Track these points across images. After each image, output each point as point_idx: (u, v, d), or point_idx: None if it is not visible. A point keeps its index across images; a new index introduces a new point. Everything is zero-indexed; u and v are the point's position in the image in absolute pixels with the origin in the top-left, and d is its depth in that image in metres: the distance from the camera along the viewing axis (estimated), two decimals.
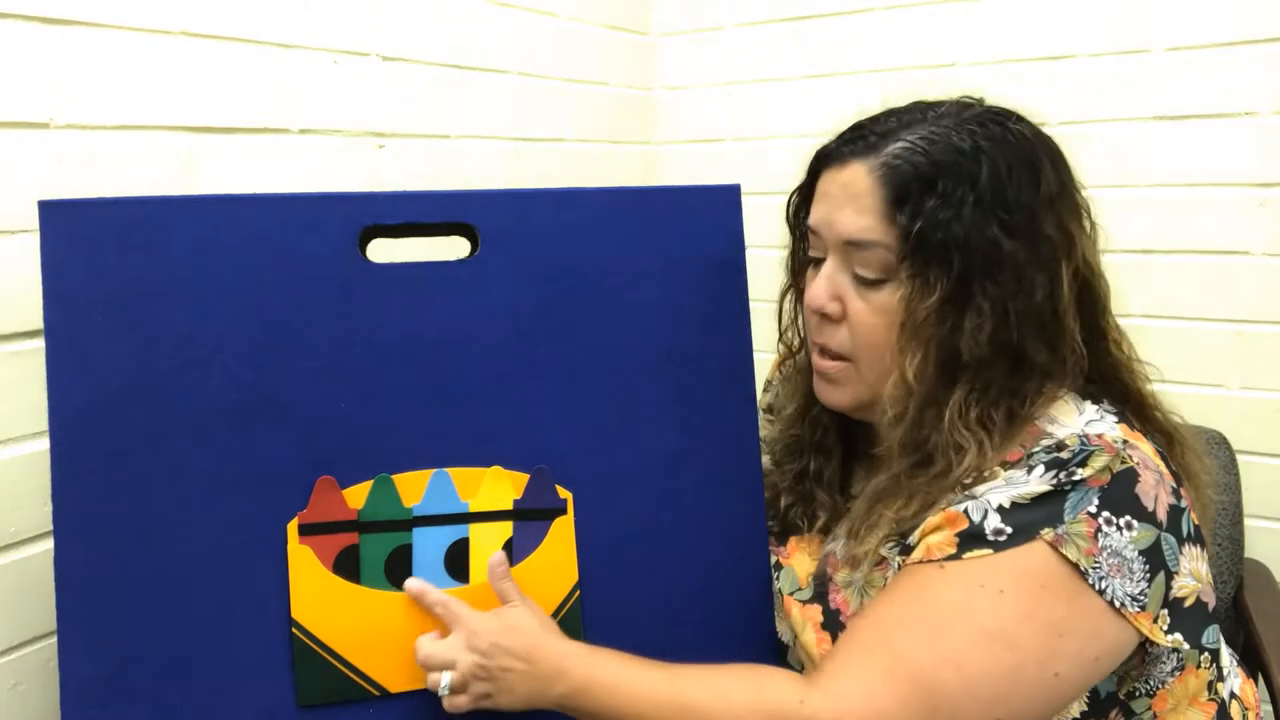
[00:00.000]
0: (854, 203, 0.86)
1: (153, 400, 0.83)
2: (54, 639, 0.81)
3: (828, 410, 0.96)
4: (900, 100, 0.95)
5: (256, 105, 1.21)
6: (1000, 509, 0.80)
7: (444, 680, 0.83)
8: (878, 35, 1.69)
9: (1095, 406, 0.87)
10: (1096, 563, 0.78)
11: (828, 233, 0.89)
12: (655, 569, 0.93)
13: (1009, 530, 0.79)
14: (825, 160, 0.91)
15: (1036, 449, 0.83)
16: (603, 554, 0.92)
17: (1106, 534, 0.78)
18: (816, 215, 0.91)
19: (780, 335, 1.01)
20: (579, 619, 0.91)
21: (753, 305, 0.97)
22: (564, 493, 0.91)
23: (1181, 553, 0.81)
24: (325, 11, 1.29)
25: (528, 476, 0.90)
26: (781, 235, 0.98)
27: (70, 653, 0.80)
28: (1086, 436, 0.82)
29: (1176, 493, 0.83)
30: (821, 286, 0.89)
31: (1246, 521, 1.40)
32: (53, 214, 0.82)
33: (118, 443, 0.82)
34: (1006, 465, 0.83)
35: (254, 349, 0.85)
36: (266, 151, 1.22)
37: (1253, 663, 1.22)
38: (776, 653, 0.96)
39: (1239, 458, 1.40)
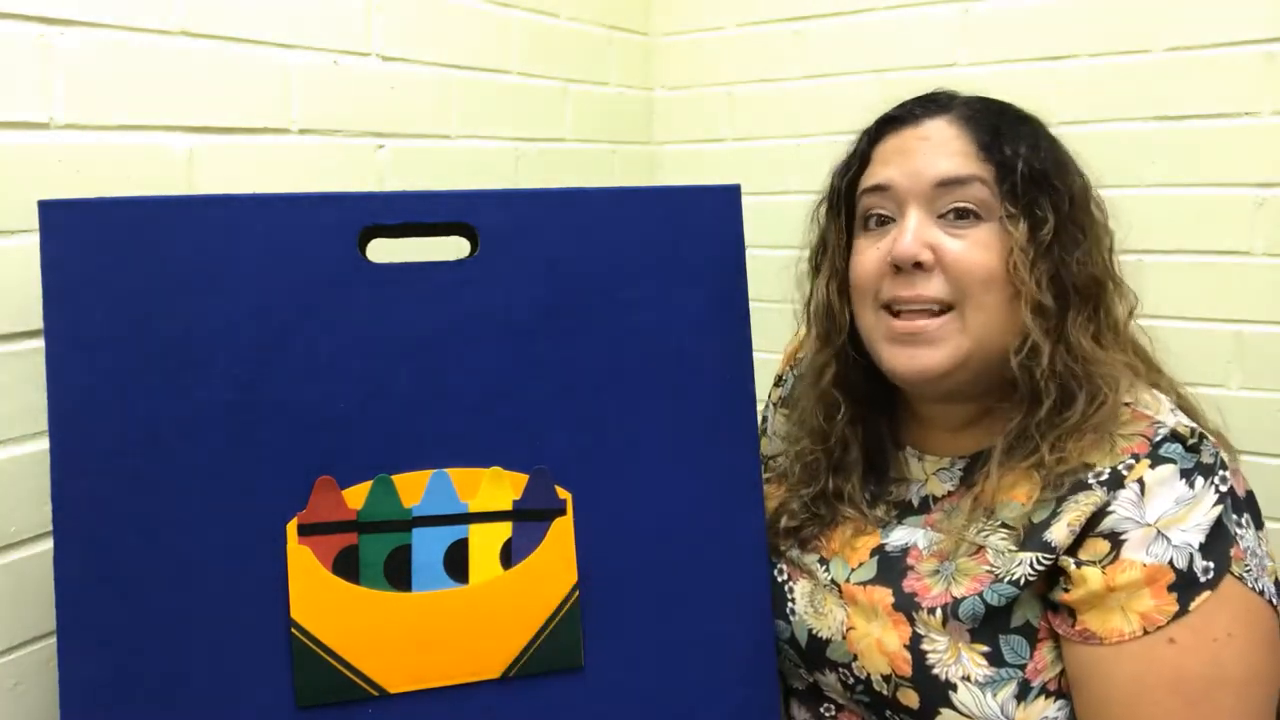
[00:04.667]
0: (943, 148, 0.90)
1: (153, 400, 0.83)
2: (54, 639, 0.81)
3: (851, 424, 0.97)
4: (901, 101, 0.96)
5: (256, 105, 1.21)
6: (1201, 547, 0.80)
7: None
8: (878, 35, 1.69)
9: (1161, 395, 0.90)
10: (1248, 567, 0.80)
11: (912, 183, 0.90)
12: (655, 569, 0.93)
13: (1212, 565, 0.80)
14: (890, 124, 0.94)
15: (1158, 438, 0.84)
16: (602, 555, 0.92)
17: (1242, 535, 0.81)
18: (892, 171, 0.91)
19: (810, 332, 1.01)
20: (578, 619, 0.91)
21: (753, 305, 0.97)
22: (563, 493, 0.91)
23: (1260, 536, 0.84)
24: (325, 11, 1.29)
25: (527, 477, 0.90)
26: (782, 235, 0.98)
27: (70, 653, 0.80)
28: (1201, 433, 0.85)
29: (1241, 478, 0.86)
30: (910, 236, 0.89)
31: None
32: (53, 214, 0.82)
33: (118, 443, 0.82)
34: (1138, 458, 0.83)
35: (254, 349, 0.85)
36: (266, 151, 1.22)
37: None
38: (774, 652, 0.96)
39: (1239, 458, 1.39)
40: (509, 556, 0.90)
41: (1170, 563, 0.80)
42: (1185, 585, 0.79)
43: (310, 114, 1.27)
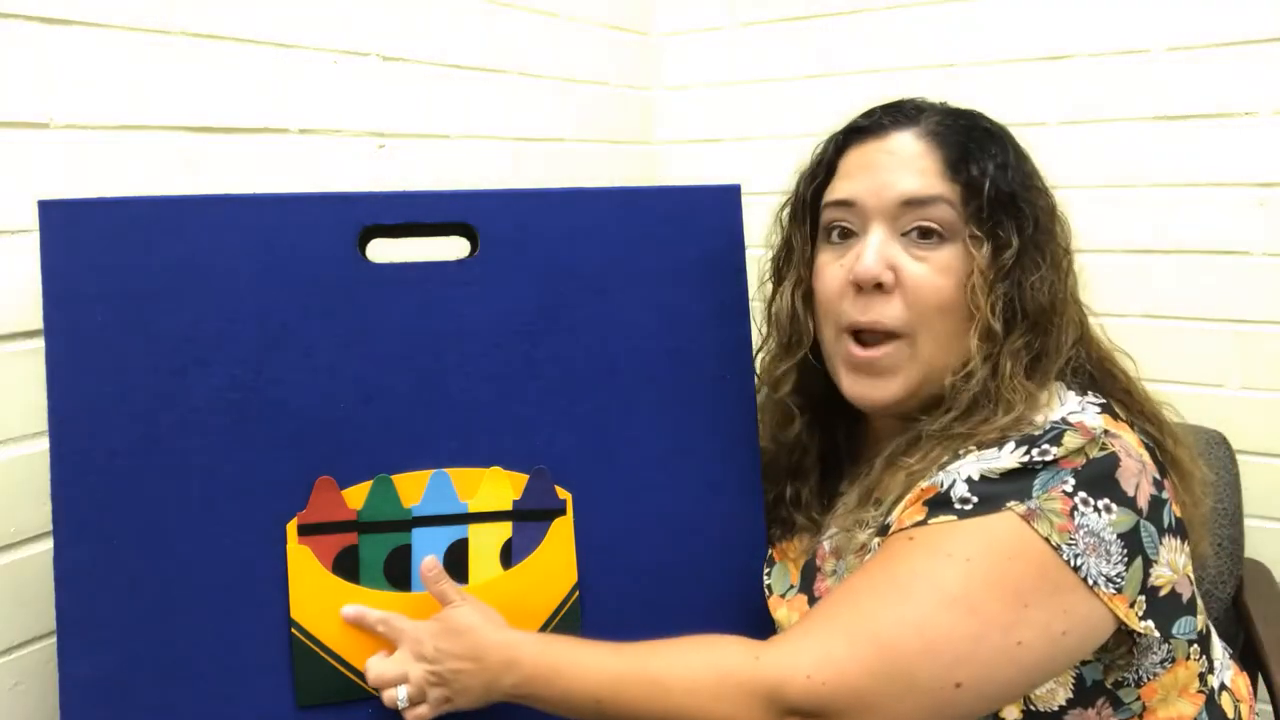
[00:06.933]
0: (909, 165, 0.88)
1: (153, 400, 0.83)
2: (54, 639, 0.81)
3: (810, 429, 0.97)
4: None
5: (256, 105, 1.21)
6: (969, 480, 0.81)
7: (401, 694, 0.83)
8: (878, 35, 1.69)
9: (1079, 398, 0.87)
10: (1072, 539, 0.78)
11: (876, 199, 0.88)
12: (655, 569, 0.93)
13: (974, 499, 0.80)
14: (856, 135, 0.92)
15: (1012, 434, 0.84)
16: (602, 554, 0.92)
17: (1083, 513, 0.79)
18: (857, 186, 0.89)
19: (771, 337, 0.98)
20: (578, 619, 0.91)
21: (753, 305, 0.97)
22: (563, 493, 0.91)
23: (1161, 543, 0.82)
24: (325, 11, 1.29)
25: (527, 477, 0.90)
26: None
27: (70, 653, 0.81)
28: (1061, 420, 0.84)
29: (1159, 484, 0.83)
30: (873, 256, 0.87)
31: (1246, 521, 1.39)
32: (53, 214, 0.82)
33: (118, 443, 0.82)
34: (983, 445, 0.83)
35: (254, 349, 0.85)
36: (266, 151, 1.22)
37: (1253, 663, 1.22)
38: None
39: (1239, 458, 1.39)
40: (509, 556, 0.90)
41: (937, 483, 0.82)
42: (938, 504, 0.81)
43: (310, 114, 1.27)
